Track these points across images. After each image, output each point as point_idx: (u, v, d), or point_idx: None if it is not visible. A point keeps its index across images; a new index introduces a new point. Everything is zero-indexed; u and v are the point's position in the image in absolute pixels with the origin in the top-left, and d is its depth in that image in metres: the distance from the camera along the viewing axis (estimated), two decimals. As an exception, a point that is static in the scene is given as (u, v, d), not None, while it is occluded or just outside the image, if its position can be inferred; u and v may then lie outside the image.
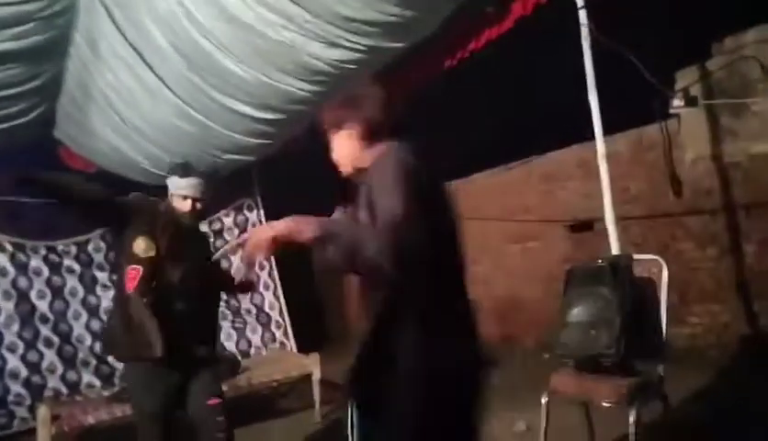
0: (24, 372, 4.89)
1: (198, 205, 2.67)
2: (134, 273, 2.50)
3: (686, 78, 4.11)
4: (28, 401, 4.78)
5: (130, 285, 2.50)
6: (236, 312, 6.01)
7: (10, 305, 5.00)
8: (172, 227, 2.62)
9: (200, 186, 2.66)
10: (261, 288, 6.26)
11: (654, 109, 4.17)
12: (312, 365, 4.37)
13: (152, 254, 2.52)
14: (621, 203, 3.91)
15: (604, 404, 2.45)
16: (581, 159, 4.93)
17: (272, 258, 6.37)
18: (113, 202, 2.71)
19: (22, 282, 5.11)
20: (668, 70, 4.08)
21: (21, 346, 4.95)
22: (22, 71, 3.93)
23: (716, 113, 4.01)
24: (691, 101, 4.01)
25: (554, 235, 5.28)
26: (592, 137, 3.20)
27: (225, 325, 5.90)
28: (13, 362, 4.87)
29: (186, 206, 2.65)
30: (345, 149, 1.68)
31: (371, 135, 1.64)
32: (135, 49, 3.70)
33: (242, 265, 2.18)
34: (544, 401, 2.64)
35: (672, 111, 4.12)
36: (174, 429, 2.59)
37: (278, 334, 6.16)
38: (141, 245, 2.52)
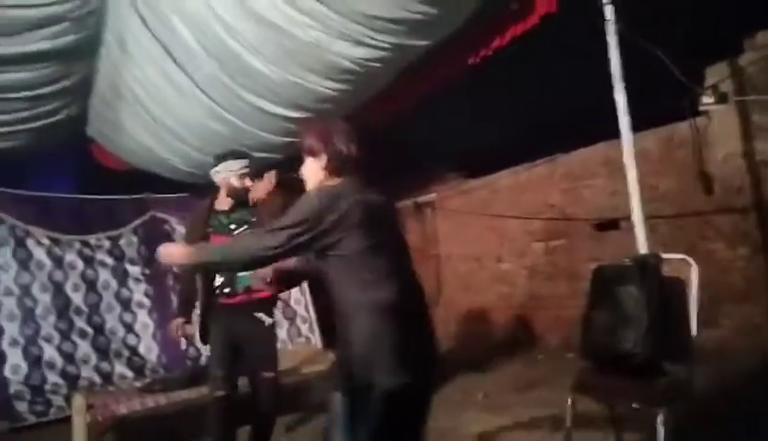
0: (60, 362, 5.04)
1: (249, 181, 2.98)
2: None
3: (716, 74, 4.03)
4: (64, 391, 4.92)
5: None
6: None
7: (47, 297, 5.15)
8: (219, 213, 2.99)
9: (248, 163, 3.01)
10: (287, 284, 6.33)
11: (683, 106, 4.10)
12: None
13: None
14: (649, 201, 3.85)
15: (633, 406, 2.42)
16: (607, 157, 4.87)
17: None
18: None
19: (58, 275, 5.27)
20: (697, 66, 4.01)
21: (57, 337, 5.10)
22: (54, 70, 4.06)
23: (747, 110, 3.92)
24: (721, 98, 3.93)
25: (579, 234, 5.23)
26: (618, 134, 3.17)
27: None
28: (49, 352, 5.03)
29: (245, 183, 2.95)
30: (313, 173, 1.96)
31: (335, 170, 1.91)
32: (164, 48, 3.79)
33: None
34: (569, 401, 2.63)
35: (701, 108, 4.04)
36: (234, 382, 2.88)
37: (304, 329, 6.23)
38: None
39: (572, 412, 2.61)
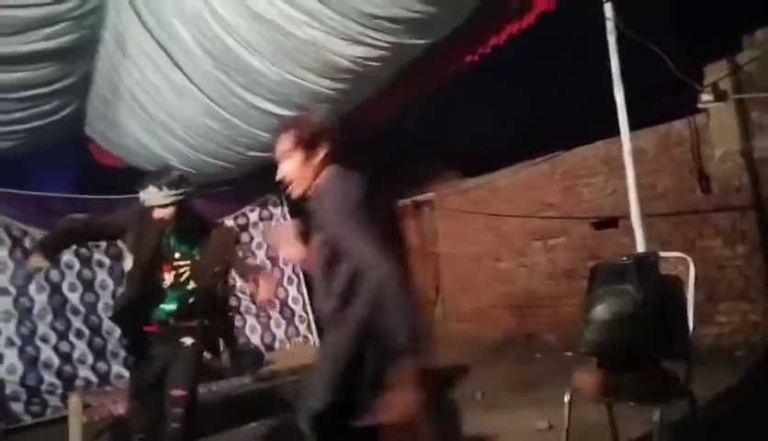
0: (56, 362, 5.03)
1: (168, 210, 2.65)
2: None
3: (715, 72, 4.02)
4: (60, 391, 4.91)
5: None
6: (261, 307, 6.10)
7: (44, 297, 5.14)
8: (156, 237, 2.76)
9: (162, 193, 2.62)
10: (285, 283, 6.34)
11: (682, 104, 4.10)
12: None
13: (130, 267, 2.84)
14: (647, 200, 3.85)
15: (630, 404, 2.42)
16: (606, 155, 4.87)
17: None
18: (107, 227, 2.95)
19: (55, 275, 5.25)
20: (696, 64, 4.00)
21: (54, 337, 5.08)
22: (54, 70, 4.04)
23: (746, 108, 3.92)
24: (720, 96, 3.93)
25: (578, 232, 5.22)
26: (618, 132, 3.16)
27: (250, 319, 6.00)
28: (46, 352, 5.01)
29: (161, 214, 2.66)
30: (306, 170, 1.85)
31: (335, 159, 1.79)
32: (162, 47, 3.78)
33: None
34: (566, 398, 2.62)
35: (700, 106, 4.04)
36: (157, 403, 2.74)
37: (302, 329, 6.24)
38: (127, 263, 2.89)
39: (570, 411, 2.61)
